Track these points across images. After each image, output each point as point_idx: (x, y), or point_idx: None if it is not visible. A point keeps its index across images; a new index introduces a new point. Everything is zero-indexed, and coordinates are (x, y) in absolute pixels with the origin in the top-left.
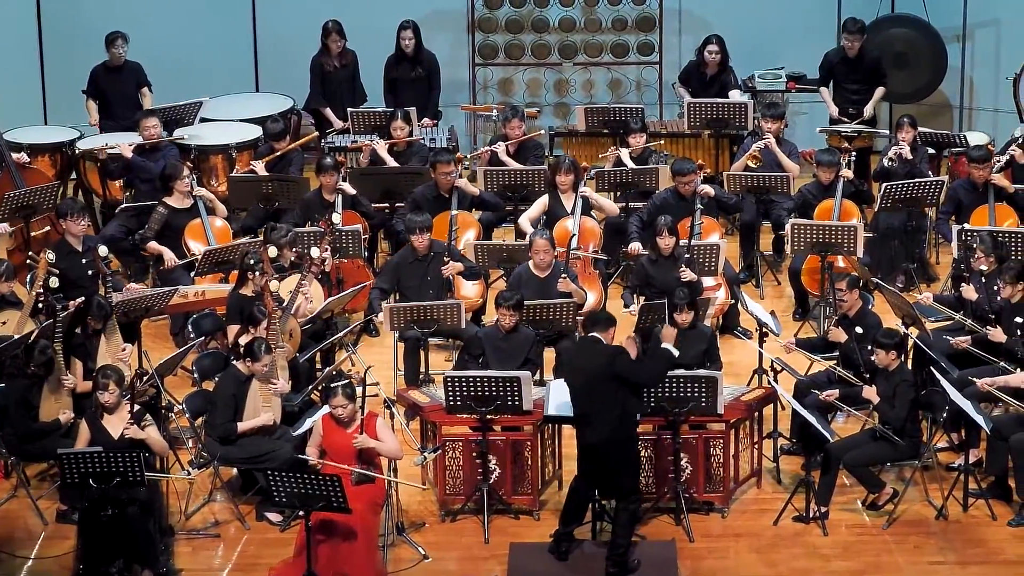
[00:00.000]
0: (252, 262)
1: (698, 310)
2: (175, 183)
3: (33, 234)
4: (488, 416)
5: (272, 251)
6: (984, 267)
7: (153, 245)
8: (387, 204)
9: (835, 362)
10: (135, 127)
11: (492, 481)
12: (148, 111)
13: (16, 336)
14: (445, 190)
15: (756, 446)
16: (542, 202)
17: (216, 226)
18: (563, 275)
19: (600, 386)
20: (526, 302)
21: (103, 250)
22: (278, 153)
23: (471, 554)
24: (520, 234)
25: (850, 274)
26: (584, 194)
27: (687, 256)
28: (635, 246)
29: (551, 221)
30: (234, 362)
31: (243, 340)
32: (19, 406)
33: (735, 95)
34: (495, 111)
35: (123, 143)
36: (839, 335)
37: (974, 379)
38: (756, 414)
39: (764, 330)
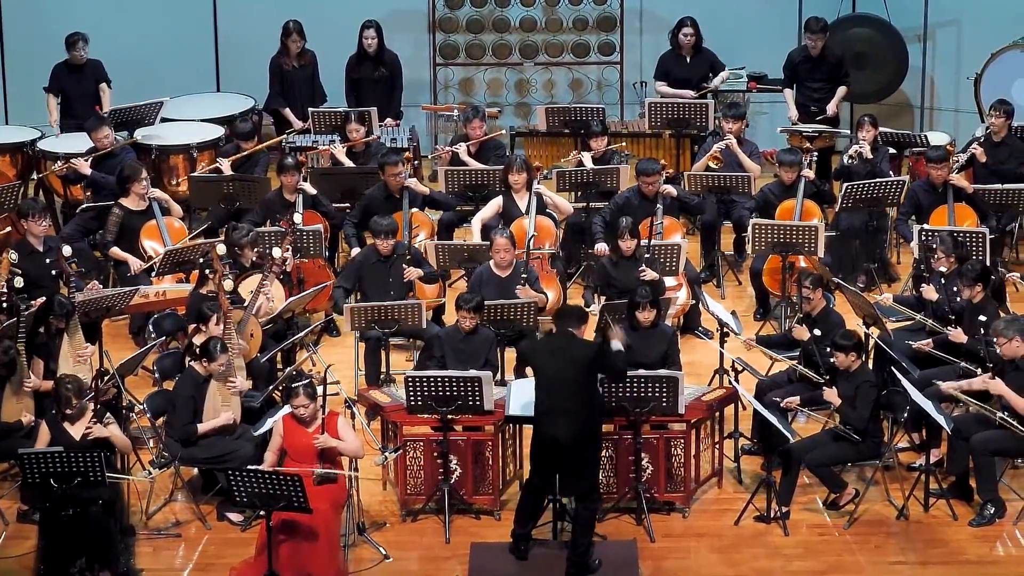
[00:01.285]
0: (201, 261)
1: (660, 309)
2: (133, 185)
3: None
4: (449, 416)
5: (221, 249)
6: (944, 268)
7: (116, 251)
8: (347, 204)
9: (796, 360)
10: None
11: (453, 481)
12: (98, 119)
13: None
14: (396, 191)
15: (717, 446)
16: (496, 203)
17: (173, 227)
18: (522, 281)
19: (578, 380)
20: (487, 302)
21: (67, 250)
22: (245, 153)
23: (432, 554)
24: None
25: (816, 273)
26: (538, 191)
27: (647, 256)
28: (601, 247)
29: (507, 222)
30: (191, 363)
31: (197, 340)
32: None
33: (724, 74)
34: (456, 111)
35: (81, 160)
36: (802, 333)
37: (935, 379)
38: (717, 414)
39: (725, 330)
